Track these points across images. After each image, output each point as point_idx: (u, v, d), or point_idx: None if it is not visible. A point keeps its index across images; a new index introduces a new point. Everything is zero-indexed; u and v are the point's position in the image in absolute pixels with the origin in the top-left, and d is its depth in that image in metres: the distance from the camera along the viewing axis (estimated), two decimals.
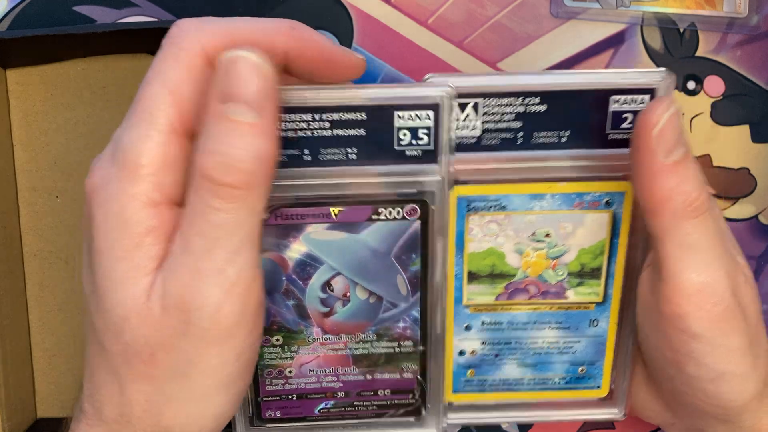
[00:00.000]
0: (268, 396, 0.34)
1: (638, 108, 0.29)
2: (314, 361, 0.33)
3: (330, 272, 0.32)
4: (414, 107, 0.28)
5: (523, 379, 0.35)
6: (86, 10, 0.40)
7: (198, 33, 0.24)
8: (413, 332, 0.33)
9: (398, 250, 0.31)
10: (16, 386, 0.39)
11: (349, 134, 0.29)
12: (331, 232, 0.31)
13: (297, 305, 0.32)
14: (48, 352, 0.41)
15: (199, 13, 0.40)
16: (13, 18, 0.40)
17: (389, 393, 0.34)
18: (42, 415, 0.41)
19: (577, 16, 0.40)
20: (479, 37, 0.41)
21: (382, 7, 0.41)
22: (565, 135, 0.30)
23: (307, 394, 0.34)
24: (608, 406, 0.36)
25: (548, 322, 0.34)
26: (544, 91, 0.29)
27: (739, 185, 0.42)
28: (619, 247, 0.33)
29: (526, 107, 0.30)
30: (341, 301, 0.32)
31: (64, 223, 0.41)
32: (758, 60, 0.41)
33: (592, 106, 0.30)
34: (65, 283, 0.41)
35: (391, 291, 0.32)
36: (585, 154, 0.31)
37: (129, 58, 0.40)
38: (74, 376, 0.41)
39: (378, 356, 0.33)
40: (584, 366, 0.35)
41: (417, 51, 0.41)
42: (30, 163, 0.40)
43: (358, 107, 0.28)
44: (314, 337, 0.33)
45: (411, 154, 0.29)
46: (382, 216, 0.31)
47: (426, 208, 0.31)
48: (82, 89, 0.40)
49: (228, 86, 0.23)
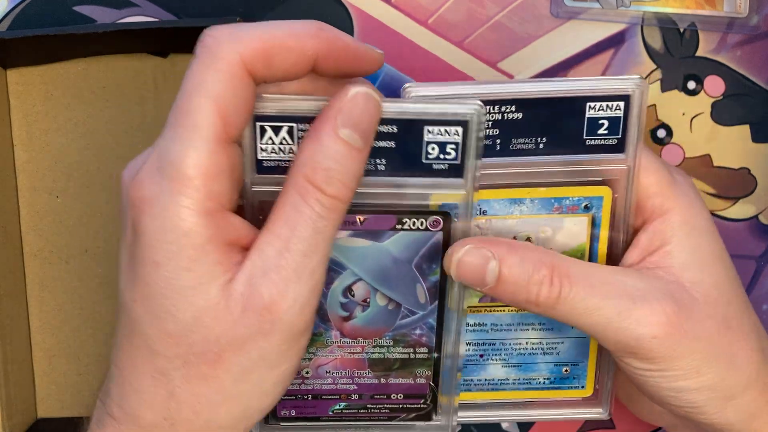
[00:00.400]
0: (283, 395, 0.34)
1: (614, 114, 0.30)
2: (331, 364, 0.34)
3: (352, 278, 0.32)
4: (444, 123, 0.29)
5: (509, 379, 0.36)
6: (86, 10, 0.40)
7: (235, 43, 0.25)
8: (429, 339, 0.33)
9: (419, 260, 0.32)
10: (17, 386, 0.39)
11: (380, 146, 0.29)
12: (355, 239, 0.31)
13: (318, 308, 0.32)
14: (48, 352, 0.41)
15: (199, 13, 0.40)
16: (14, 18, 0.40)
17: (401, 397, 0.35)
18: (42, 415, 0.41)
19: (578, 16, 0.40)
20: (479, 37, 0.41)
21: (382, 7, 0.41)
22: (542, 141, 0.31)
23: (321, 395, 0.34)
24: (593, 405, 0.36)
25: (531, 324, 0.35)
26: (519, 99, 0.30)
27: (739, 185, 0.42)
28: (599, 250, 0.33)
29: (502, 115, 0.31)
30: (361, 307, 0.33)
31: (65, 223, 0.41)
32: (758, 60, 0.41)
33: (569, 113, 0.30)
34: (65, 283, 0.41)
35: (410, 299, 0.33)
36: (562, 159, 0.31)
37: (129, 58, 0.40)
38: (75, 376, 0.41)
39: (393, 361, 0.34)
40: (568, 366, 0.36)
41: (417, 51, 0.41)
42: (30, 163, 0.40)
43: (390, 120, 0.29)
44: (333, 339, 0.33)
45: (438, 167, 0.30)
46: (406, 226, 0.31)
47: (449, 220, 0.31)
48: (82, 89, 0.40)
49: (351, 114, 0.26)
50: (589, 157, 0.31)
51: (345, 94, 0.26)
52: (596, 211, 0.33)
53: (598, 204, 0.32)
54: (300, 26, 0.27)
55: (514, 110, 0.31)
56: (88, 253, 0.41)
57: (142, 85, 0.40)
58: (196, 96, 0.25)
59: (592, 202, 0.32)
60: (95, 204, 0.41)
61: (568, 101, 0.30)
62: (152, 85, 0.40)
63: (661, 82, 0.41)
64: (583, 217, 0.33)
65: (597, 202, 0.33)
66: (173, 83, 0.40)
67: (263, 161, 0.29)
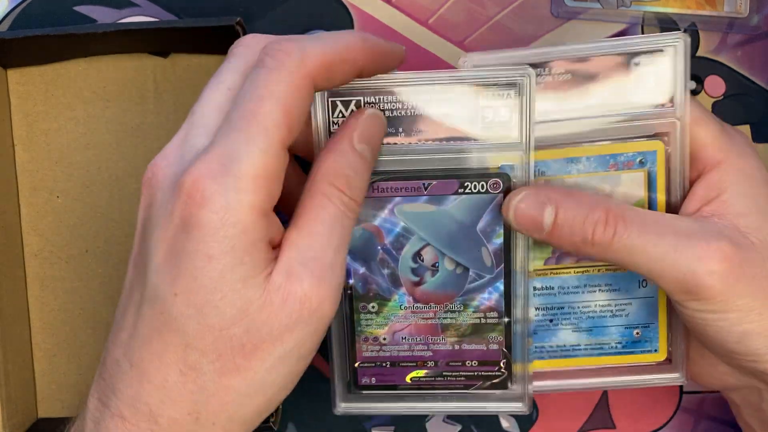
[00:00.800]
0: (364, 362, 0.36)
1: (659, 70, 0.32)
2: (406, 329, 0.35)
3: (420, 243, 0.34)
4: (498, 87, 0.32)
5: (580, 344, 0.36)
6: (87, 10, 0.40)
7: (304, 58, 0.28)
8: (498, 303, 0.34)
9: (483, 223, 0.34)
10: (17, 386, 0.39)
11: (441, 111, 0.32)
12: (421, 205, 0.34)
13: (391, 274, 0.34)
14: (49, 352, 0.41)
15: (199, 13, 0.40)
16: (14, 18, 0.40)
17: (476, 364, 0.35)
18: (43, 415, 0.41)
19: (578, 16, 0.40)
20: (480, 37, 0.41)
21: (383, 7, 0.41)
22: (590, 101, 0.32)
23: (399, 362, 0.36)
24: (668, 370, 0.36)
25: (598, 285, 0.35)
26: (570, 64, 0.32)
27: None
28: (658, 204, 0.34)
29: (554, 77, 0.33)
30: (431, 272, 0.34)
31: (65, 222, 0.41)
32: (759, 60, 0.41)
33: (614, 72, 0.32)
34: (66, 282, 0.41)
35: (477, 262, 0.34)
36: (610, 118, 0.33)
37: (130, 58, 0.40)
38: (75, 376, 0.41)
39: (465, 327, 0.35)
40: (639, 329, 0.36)
41: (417, 51, 0.41)
42: (31, 163, 0.41)
43: (447, 88, 0.32)
44: (406, 305, 0.35)
45: (495, 130, 0.32)
46: (468, 189, 0.33)
47: (508, 181, 0.33)
48: (82, 89, 0.40)
49: (364, 132, 0.31)
50: (640, 112, 0.32)
51: (361, 114, 0.31)
52: (651, 166, 0.33)
53: (653, 158, 0.33)
54: (352, 39, 0.29)
55: (564, 72, 0.32)
56: (88, 252, 0.41)
57: (143, 85, 0.40)
58: (268, 102, 0.27)
59: (646, 156, 0.33)
60: (95, 204, 0.41)
61: (610, 60, 0.32)
62: (153, 85, 0.40)
63: None
64: (639, 172, 0.33)
65: (651, 157, 0.33)
66: (173, 83, 0.40)
67: None
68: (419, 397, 0.36)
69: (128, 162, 0.41)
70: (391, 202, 0.34)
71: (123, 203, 0.41)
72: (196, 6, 0.40)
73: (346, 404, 0.36)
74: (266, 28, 0.40)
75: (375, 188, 0.33)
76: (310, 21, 0.41)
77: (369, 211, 0.34)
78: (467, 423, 0.42)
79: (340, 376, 0.36)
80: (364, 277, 0.35)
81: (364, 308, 0.35)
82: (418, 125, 0.32)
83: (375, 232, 0.34)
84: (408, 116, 0.32)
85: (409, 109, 0.32)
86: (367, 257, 0.34)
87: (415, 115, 0.32)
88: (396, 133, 0.32)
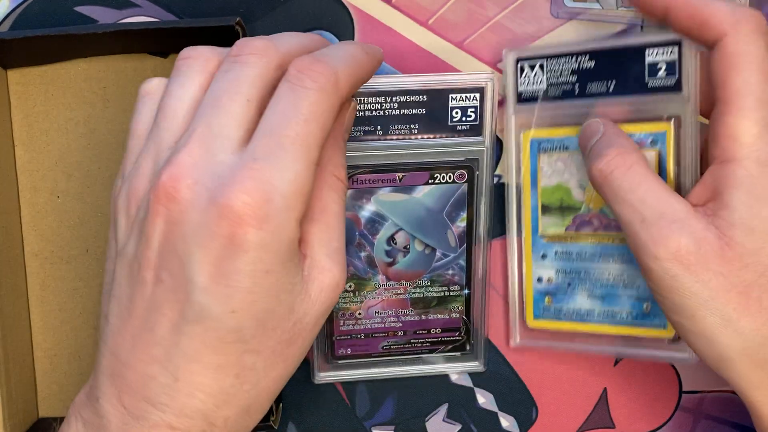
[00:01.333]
0: (341, 335, 0.40)
1: (670, 58, 0.34)
2: (379, 305, 0.40)
3: (394, 228, 0.39)
4: (465, 90, 0.37)
5: (594, 310, 0.38)
6: (87, 10, 0.40)
7: (338, 81, 0.29)
8: (460, 278, 0.40)
9: (449, 209, 0.39)
10: (18, 386, 0.39)
11: (413, 113, 0.37)
12: (395, 194, 0.38)
13: (367, 256, 0.39)
14: (49, 351, 0.41)
15: (199, 14, 0.40)
16: (15, 18, 0.40)
17: (440, 331, 0.41)
18: (43, 415, 0.41)
19: (578, 16, 0.41)
20: (479, 38, 0.41)
21: (382, 7, 0.41)
22: (611, 85, 0.36)
23: (373, 333, 0.40)
24: (677, 349, 0.37)
25: (612, 255, 0.38)
26: (592, 51, 0.36)
27: None
28: (667, 183, 0.35)
29: (579, 64, 0.37)
30: (402, 253, 0.39)
31: (65, 223, 0.41)
32: None
33: (632, 60, 0.35)
34: (66, 282, 0.41)
35: (443, 243, 0.39)
36: (629, 99, 0.36)
37: (130, 59, 0.40)
38: (76, 376, 0.41)
39: (431, 299, 0.40)
40: (648, 303, 0.37)
41: (417, 51, 0.41)
42: (31, 163, 0.41)
43: (421, 91, 0.37)
44: (380, 283, 0.39)
45: (461, 128, 0.37)
46: (437, 180, 0.38)
47: (472, 173, 0.38)
48: (83, 89, 0.40)
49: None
50: (652, 96, 0.35)
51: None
52: (662, 146, 0.35)
53: (663, 139, 0.35)
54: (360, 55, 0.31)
55: (588, 59, 0.37)
56: (88, 253, 0.41)
57: None
58: (313, 124, 0.28)
59: (657, 137, 0.35)
60: (96, 204, 0.41)
61: (630, 50, 0.35)
62: None
63: None
64: (651, 152, 0.35)
65: (662, 138, 0.35)
66: None
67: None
68: (389, 363, 0.41)
69: None
70: (370, 192, 0.38)
71: None
72: (196, 6, 0.40)
73: (324, 373, 0.40)
74: (266, 28, 0.40)
75: (355, 180, 0.38)
76: (309, 21, 0.41)
77: (348, 201, 0.38)
78: (467, 422, 0.42)
79: (320, 349, 0.40)
80: None
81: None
82: (394, 124, 0.37)
83: (354, 220, 0.38)
84: (385, 116, 0.37)
85: (387, 110, 0.37)
86: (347, 242, 0.38)
87: (391, 115, 0.37)
88: (374, 131, 0.37)
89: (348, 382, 0.42)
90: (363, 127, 0.37)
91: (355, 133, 0.37)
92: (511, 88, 0.39)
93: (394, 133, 0.37)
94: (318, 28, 0.41)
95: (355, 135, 0.37)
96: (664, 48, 0.34)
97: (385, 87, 0.36)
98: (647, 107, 0.35)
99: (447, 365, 0.41)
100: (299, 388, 0.42)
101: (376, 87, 0.36)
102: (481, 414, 0.42)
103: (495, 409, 0.42)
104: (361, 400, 0.42)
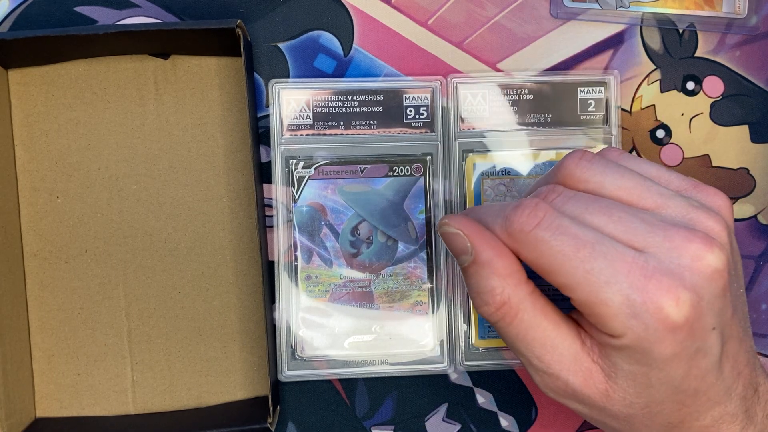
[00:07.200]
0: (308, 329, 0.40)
1: (598, 97, 0.40)
2: (344, 297, 0.40)
3: (357, 219, 0.40)
4: (417, 90, 0.40)
5: None
6: (88, 10, 0.40)
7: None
8: (422, 271, 0.41)
9: (409, 201, 0.40)
10: (16, 386, 0.39)
11: (372, 110, 0.40)
12: (357, 186, 0.40)
13: (332, 246, 0.40)
14: (47, 351, 0.41)
15: (200, 14, 0.40)
16: (15, 19, 0.40)
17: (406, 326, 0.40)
18: (41, 415, 0.41)
19: (577, 16, 0.41)
20: (479, 38, 0.41)
21: (382, 8, 0.41)
22: (548, 117, 0.40)
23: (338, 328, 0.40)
24: None
25: None
26: (531, 85, 0.40)
27: (738, 185, 0.42)
28: None
29: (519, 97, 0.40)
30: (366, 244, 0.40)
31: (65, 223, 0.41)
32: (757, 60, 0.41)
33: (566, 96, 0.40)
34: (65, 283, 0.41)
35: (404, 235, 0.41)
36: (562, 130, 0.40)
37: (130, 59, 0.40)
38: (74, 376, 0.41)
39: (395, 293, 0.41)
40: None
41: (417, 51, 0.41)
42: (31, 164, 0.41)
43: (378, 91, 0.40)
44: (344, 275, 0.40)
45: (415, 125, 0.40)
46: (396, 173, 0.40)
47: (427, 165, 0.40)
48: (83, 90, 0.40)
49: None
50: (583, 129, 0.40)
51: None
52: None
53: None
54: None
55: (527, 93, 0.40)
56: (88, 253, 0.41)
57: (143, 86, 0.41)
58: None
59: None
60: (95, 204, 0.41)
61: (565, 86, 0.40)
62: (153, 87, 0.41)
63: (660, 83, 0.41)
64: None
65: None
66: (174, 84, 0.41)
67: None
68: (355, 363, 0.40)
69: (128, 163, 0.41)
70: (333, 183, 0.40)
71: (123, 204, 0.41)
72: (196, 7, 0.41)
73: (291, 372, 0.40)
74: (266, 28, 0.41)
75: (319, 171, 0.40)
76: (309, 21, 0.41)
77: (314, 191, 0.40)
78: (466, 422, 0.42)
79: (286, 345, 0.40)
80: (308, 249, 0.40)
81: (308, 278, 0.40)
82: (356, 120, 0.40)
83: (319, 209, 0.40)
84: (348, 112, 0.40)
85: (349, 107, 0.40)
86: (312, 231, 0.40)
87: (353, 112, 0.40)
88: (338, 125, 0.40)
89: (348, 380, 0.41)
90: (327, 122, 0.40)
91: (320, 127, 0.40)
92: (455, 114, 0.40)
93: (355, 127, 0.40)
94: (318, 29, 0.41)
95: (319, 129, 0.40)
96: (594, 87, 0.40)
97: (348, 87, 0.40)
98: (578, 136, 0.40)
99: (414, 366, 0.40)
100: (299, 388, 0.41)
101: (338, 87, 0.40)
102: (481, 414, 0.42)
103: (494, 408, 0.42)
104: (360, 400, 0.42)
